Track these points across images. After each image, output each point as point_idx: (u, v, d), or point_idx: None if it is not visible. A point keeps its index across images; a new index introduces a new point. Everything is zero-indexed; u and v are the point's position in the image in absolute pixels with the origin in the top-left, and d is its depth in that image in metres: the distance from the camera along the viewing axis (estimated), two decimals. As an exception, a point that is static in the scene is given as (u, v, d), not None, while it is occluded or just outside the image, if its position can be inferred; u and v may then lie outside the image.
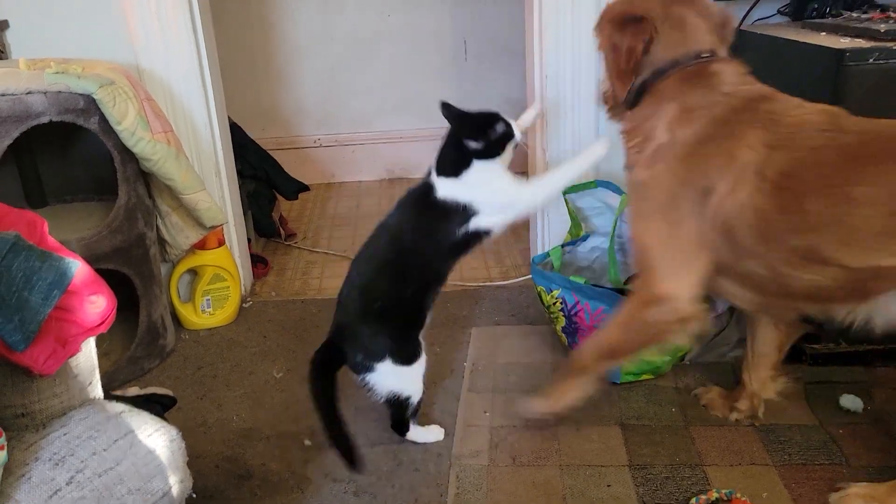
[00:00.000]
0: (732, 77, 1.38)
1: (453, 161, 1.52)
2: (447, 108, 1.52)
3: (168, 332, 2.07)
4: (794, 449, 1.55)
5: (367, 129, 3.51)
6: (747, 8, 2.02)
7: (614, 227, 1.87)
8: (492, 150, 1.51)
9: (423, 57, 3.39)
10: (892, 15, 1.73)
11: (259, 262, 2.57)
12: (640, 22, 1.40)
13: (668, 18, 1.40)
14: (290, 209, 3.18)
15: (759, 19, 2.05)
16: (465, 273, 2.46)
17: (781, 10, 2.04)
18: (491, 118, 1.52)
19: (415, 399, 1.60)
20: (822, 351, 1.78)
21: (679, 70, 1.39)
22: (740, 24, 2.02)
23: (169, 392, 1.39)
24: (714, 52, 1.40)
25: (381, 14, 3.33)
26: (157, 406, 1.34)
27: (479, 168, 1.50)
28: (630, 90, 1.44)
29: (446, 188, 1.51)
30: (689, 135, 1.35)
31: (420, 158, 3.47)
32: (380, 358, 1.55)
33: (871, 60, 1.56)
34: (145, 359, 1.98)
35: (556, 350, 1.95)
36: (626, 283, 1.80)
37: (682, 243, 1.37)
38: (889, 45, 1.58)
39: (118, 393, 1.34)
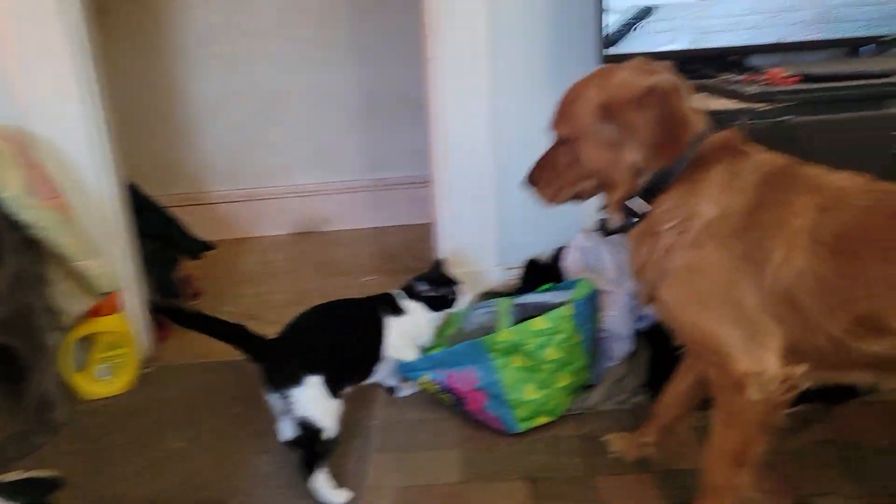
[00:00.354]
0: (749, 146, 1.36)
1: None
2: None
3: (60, 404, 1.97)
4: (690, 494, 1.60)
5: (276, 184, 3.50)
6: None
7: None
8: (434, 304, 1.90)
9: (330, 112, 3.42)
10: (761, 78, 1.86)
11: (161, 326, 2.49)
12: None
13: None
14: (196, 268, 3.11)
15: (643, 79, 2.16)
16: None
17: (663, 70, 2.16)
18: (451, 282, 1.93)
19: (327, 434, 1.60)
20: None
21: (705, 145, 1.34)
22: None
23: (53, 473, 1.33)
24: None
25: (288, 72, 3.35)
26: (40, 489, 1.28)
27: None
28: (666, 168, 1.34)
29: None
30: (738, 206, 1.30)
31: (328, 211, 3.49)
32: (313, 372, 1.57)
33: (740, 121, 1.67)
34: (34, 434, 1.88)
35: (464, 405, 1.96)
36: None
37: (752, 316, 1.29)
38: (756, 106, 1.69)
39: (-4, 478, 1.27)
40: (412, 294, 1.91)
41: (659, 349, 1.95)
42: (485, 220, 2.25)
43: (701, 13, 2.02)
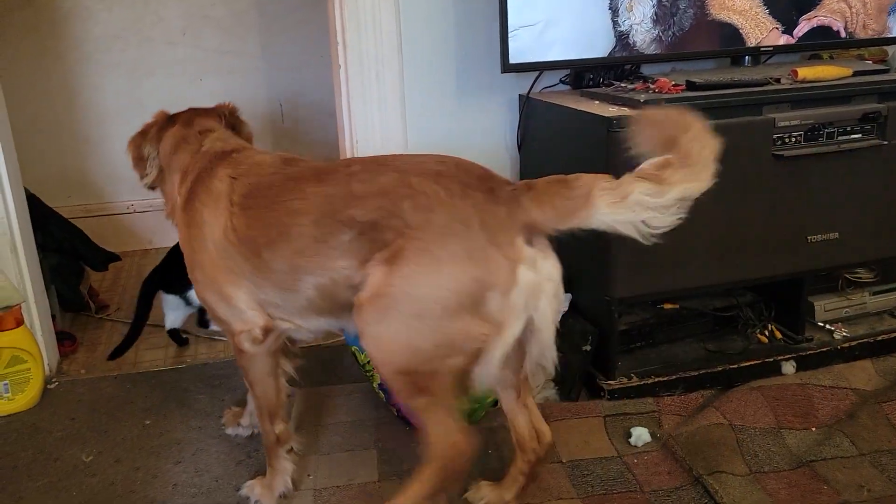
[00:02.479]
0: (210, 142, 1.64)
1: None
2: None
3: (-42, 423, 1.90)
4: (595, 481, 1.69)
5: (185, 193, 3.43)
6: (534, 78, 2.22)
7: None
8: None
9: (240, 120, 3.39)
10: (651, 86, 1.98)
11: (66, 339, 2.42)
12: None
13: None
14: (103, 280, 3.02)
15: (545, 88, 2.26)
16: (288, 335, 2.45)
17: (563, 79, 2.27)
18: None
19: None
20: (616, 386, 1.95)
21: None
22: (528, 91, 2.21)
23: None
24: (210, 130, 1.68)
25: (192, 79, 3.30)
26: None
27: None
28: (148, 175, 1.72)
29: None
30: (185, 189, 1.59)
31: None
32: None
33: (633, 127, 1.78)
34: (-69, 456, 1.81)
35: (379, 407, 1.99)
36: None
37: (217, 280, 1.51)
38: (647, 113, 1.80)
39: None
40: None
41: (567, 345, 2.04)
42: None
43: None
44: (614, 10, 2.09)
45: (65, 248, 2.58)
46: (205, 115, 1.74)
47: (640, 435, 1.81)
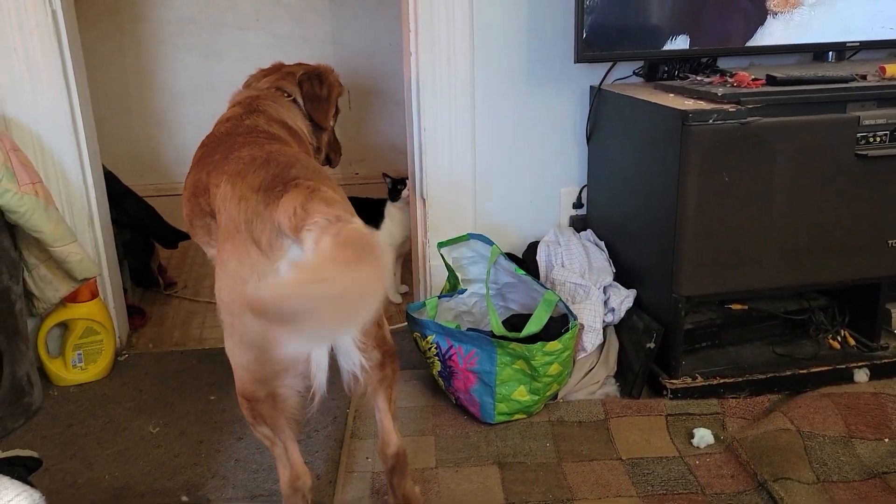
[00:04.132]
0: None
1: None
2: None
3: (35, 389, 1.97)
4: (656, 480, 1.66)
5: (251, 176, 3.49)
6: (607, 69, 2.18)
7: (488, 275, 1.97)
8: None
9: (307, 105, 3.43)
10: (729, 80, 1.93)
11: (136, 314, 2.50)
12: None
13: None
14: (171, 257, 3.11)
15: (617, 79, 2.22)
16: (348, 319, 2.47)
17: (637, 71, 2.22)
18: None
19: None
20: (680, 385, 1.91)
21: None
22: (600, 83, 2.18)
23: (34, 453, 1.34)
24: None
25: (263, 64, 3.33)
26: (21, 469, 1.29)
27: None
28: None
29: None
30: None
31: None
32: None
33: (710, 121, 1.73)
34: (9, 418, 1.89)
35: (437, 394, 2.00)
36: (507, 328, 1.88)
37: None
38: (725, 107, 1.76)
39: (-24, 457, 1.28)
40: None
41: (630, 342, 2.01)
42: (463, 212, 2.29)
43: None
44: None
45: (137, 224, 2.66)
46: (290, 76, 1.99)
47: (704, 436, 1.77)
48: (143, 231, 2.71)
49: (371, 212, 2.56)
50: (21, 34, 1.97)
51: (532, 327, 1.82)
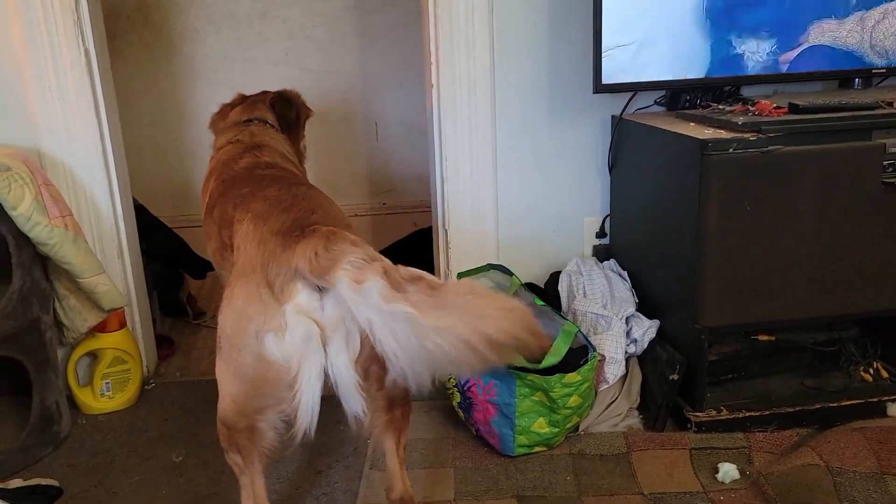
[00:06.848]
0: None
1: None
2: None
3: (63, 417, 2.01)
4: (681, 515, 1.62)
5: (281, 207, 3.55)
6: (627, 98, 2.18)
7: None
8: None
9: (336, 139, 3.49)
10: (751, 108, 1.91)
11: (165, 343, 2.54)
12: None
13: None
14: (201, 287, 3.16)
15: (639, 109, 2.22)
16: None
17: (658, 100, 2.22)
18: None
19: None
20: (704, 418, 1.88)
21: None
22: (621, 112, 2.18)
23: (54, 482, 1.37)
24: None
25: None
26: (42, 497, 1.31)
27: None
28: None
29: None
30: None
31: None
32: None
33: (730, 150, 1.72)
34: (37, 447, 1.92)
35: (457, 426, 1.99)
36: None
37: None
38: (746, 136, 1.74)
39: None
40: None
41: (653, 373, 1.99)
42: (485, 242, 2.29)
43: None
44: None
45: (167, 256, 2.71)
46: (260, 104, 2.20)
47: (728, 471, 1.73)
48: (173, 262, 2.76)
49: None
50: (56, 74, 2.04)
51: (551, 359, 1.80)
